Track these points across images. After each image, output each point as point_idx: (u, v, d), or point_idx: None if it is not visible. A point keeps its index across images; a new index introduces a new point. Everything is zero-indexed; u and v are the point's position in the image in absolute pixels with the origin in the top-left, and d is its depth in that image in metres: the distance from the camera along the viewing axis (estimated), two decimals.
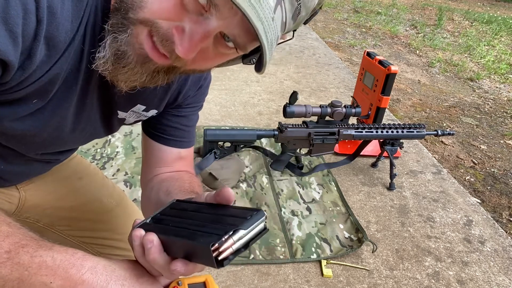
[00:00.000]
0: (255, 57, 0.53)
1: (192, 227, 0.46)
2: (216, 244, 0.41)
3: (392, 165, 1.68)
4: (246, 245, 0.44)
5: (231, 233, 0.42)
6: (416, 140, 2.10)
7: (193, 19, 0.46)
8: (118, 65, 0.49)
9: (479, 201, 1.84)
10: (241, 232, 0.43)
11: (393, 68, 1.72)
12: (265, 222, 0.46)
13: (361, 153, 1.81)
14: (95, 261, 0.46)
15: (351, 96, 1.97)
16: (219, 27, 0.46)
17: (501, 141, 2.52)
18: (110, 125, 0.70)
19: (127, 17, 0.47)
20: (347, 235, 1.42)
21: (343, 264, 1.30)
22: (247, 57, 0.54)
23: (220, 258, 0.41)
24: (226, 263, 0.42)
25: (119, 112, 0.68)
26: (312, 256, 1.31)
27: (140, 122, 0.80)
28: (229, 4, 0.42)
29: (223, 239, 0.41)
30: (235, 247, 0.42)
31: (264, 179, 1.65)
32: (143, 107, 0.68)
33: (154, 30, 0.46)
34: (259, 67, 0.49)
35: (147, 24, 0.46)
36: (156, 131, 0.76)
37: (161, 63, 0.49)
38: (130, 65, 0.49)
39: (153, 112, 0.72)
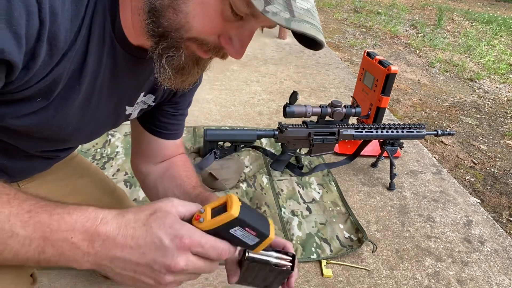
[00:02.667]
0: None
1: None
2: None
3: (392, 165, 1.68)
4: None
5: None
6: (416, 140, 2.10)
7: (234, 26, 0.52)
8: (182, 76, 0.56)
9: (479, 201, 1.84)
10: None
11: (393, 68, 1.72)
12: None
13: (361, 153, 1.81)
14: (106, 212, 0.49)
15: (351, 96, 1.97)
16: (258, 24, 0.53)
17: (501, 141, 2.52)
18: (116, 122, 0.73)
19: (175, 38, 0.52)
20: (347, 235, 1.42)
21: (343, 264, 1.30)
22: None
23: None
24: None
25: (127, 108, 0.70)
26: (312, 256, 1.31)
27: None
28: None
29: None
30: None
31: (264, 179, 1.65)
32: (143, 92, 0.71)
33: (204, 46, 0.53)
34: (317, 47, 0.54)
35: (195, 41, 0.52)
36: (157, 127, 0.81)
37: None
38: (190, 71, 0.57)
39: (151, 98, 0.74)
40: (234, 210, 0.49)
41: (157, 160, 0.85)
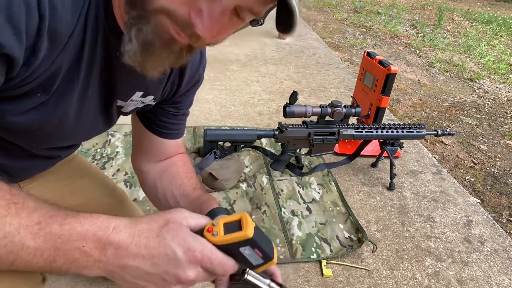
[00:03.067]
0: (262, 18, 0.55)
1: None
2: None
3: (392, 165, 1.68)
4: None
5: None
6: (416, 140, 2.10)
7: None
8: (146, 54, 0.51)
9: (479, 201, 1.84)
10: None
11: (393, 68, 1.72)
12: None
13: (361, 153, 1.81)
14: (118, 221, 0.49)
15: (351, 96, 1.97)
16: (234, 1, 0.48)
17: (501, 141, 2.52)
18: (109, 115, 0.72)
19: (145, 8, 0.48)
20: (347, 235, 1.42)
21: (343, 264, 1.30)
22: (254, 20, 0.55)
23: None
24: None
25: (119, 101, 0.69)
26: (312, 256, 1.31)
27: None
28: None
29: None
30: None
31: (264, 179, 1.65)
32: (141, 93, 0.70)
33: (173, 18, 0.48)
34: (288, 29, 0.50)
35: (164, 12, 0.48)
36: (158, 127, 0.80)
37: (185, 43, 0.52)
38: (157, 51, 0.51)
39: (150, 99, 0.73)
40: (250, 231, 0.51)
41: (158, 159, 0.84)
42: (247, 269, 0.56)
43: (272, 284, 0.60)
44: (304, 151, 1.63)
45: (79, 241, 0.46)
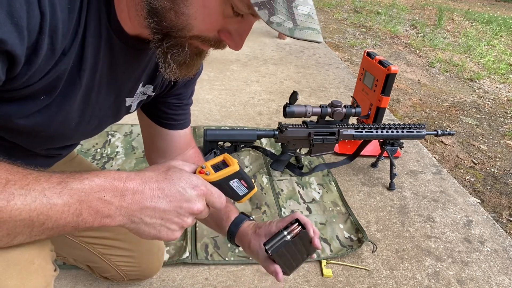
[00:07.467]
0: None
1: None
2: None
3: (392, 165, 1.68)
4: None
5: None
6: (416, 140, 2.10)
7: (233, 21, 0.54)
8: (184, 68, 0.59)
9: (479, 201, 1.84)
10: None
11: (393, 68, 1.72)
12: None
13: (361, 153, 1.81)
14: (128, 173, 0.55)
15: (351, 96, 1.97)
16: (257, 18, 0.54)
17: (501, 141, 2.52)
18: (117, 115, 0.74)
19: (178, 37, 0.54)
20: (347, 235, 1.42)
21: (343, 264, 1.30)
22: None
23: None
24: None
25: (127, 99, 0.71)
26: None
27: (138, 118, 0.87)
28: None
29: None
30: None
31: (264, 179, 1.65)
32: (141, 83, 0.72)
33: (204, 40, 0.56)
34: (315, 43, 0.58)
35: (197, 38, 0.55)
36: (165, 119, 0.84)
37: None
38: (193, 63, 0.60)
39: (150, 89, 0.75)
40: (236, 165, 0.62)
41: (171, 154, 0.87)
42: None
43: (288, 229, 0.71)
44: (304, 151, 1.63)
45: (100, 192, 0.50)
